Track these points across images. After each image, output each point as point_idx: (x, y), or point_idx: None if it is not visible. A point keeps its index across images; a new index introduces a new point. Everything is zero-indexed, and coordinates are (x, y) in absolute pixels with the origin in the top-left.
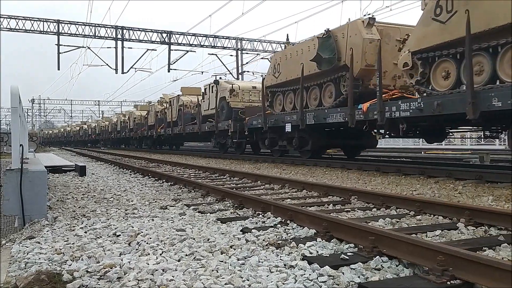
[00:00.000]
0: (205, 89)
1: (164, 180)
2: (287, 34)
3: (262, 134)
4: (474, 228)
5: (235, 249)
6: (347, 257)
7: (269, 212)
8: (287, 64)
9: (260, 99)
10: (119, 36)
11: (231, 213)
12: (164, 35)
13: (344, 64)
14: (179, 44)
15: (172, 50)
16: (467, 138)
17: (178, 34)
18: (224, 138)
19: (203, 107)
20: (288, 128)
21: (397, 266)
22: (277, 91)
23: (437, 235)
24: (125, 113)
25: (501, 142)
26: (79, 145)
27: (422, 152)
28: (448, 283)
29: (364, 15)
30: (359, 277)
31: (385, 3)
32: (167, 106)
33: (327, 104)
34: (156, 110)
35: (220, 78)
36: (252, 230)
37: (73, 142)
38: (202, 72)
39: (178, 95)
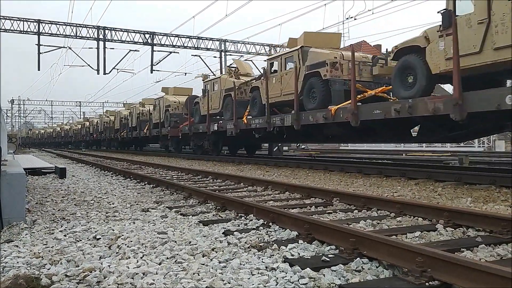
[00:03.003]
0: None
1: (146, 182)
2: None
3: None
4: (453, 229)
5: (217, 252)
6: (328, 259)
7: (252, 214)
8: None
9: None
10: (101, 37)
11: (213, 215)
12: (147, 35)
13: None
14: (162, 45)
15: (155, 51)
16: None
17: (161, 35)
18: None
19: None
20: None
21: (377, 267)
22: None
23: (417, 237)
24: (144, 101)
25: (479, 144)
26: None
27: (403, 154)
28: (427, 284)
29: (347, 18)
30: (339, 279)
31: (367, 6)
32: (274, 72)
33: None
34: (227, 86)
35: None
36: (234, 232)
37: (73, 143)
38: (186, 74)
39: (302, 47)
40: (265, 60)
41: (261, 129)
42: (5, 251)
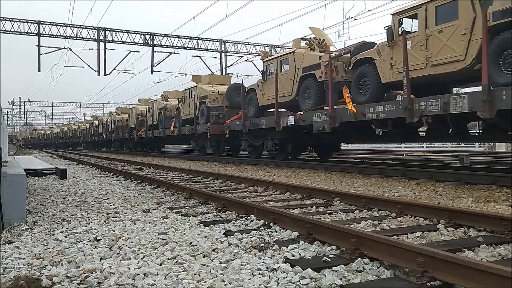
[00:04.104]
0: None
1: (146, 183)
2: None
3: None
4: (454, 229)
5: (217, 253)
6: (329, 259)
7: (252, 215)
8: None
9: None
10: (101, 38)
11: (214, 216)
12: (147, 36)
13: None
14: (162, 46)
15: (155, 52)
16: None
17: (161, 35)
18: None
19: None
20: None
21: (378, 268)
22: None
23: (418, 237)
24: (166, 93)
25: (480, 144)
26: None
27: (404, 154)
28: (428, 284)
29: (347, 18)
30: (340, 279)
31: (367, 6)
32: None
33: None
34: (308, 63)
35: None
36: (235, 233)
37: (80, 144)
38: (186, 74)
39: None
40: (392, 14)
41: (391, 120)
42: (5, 252)
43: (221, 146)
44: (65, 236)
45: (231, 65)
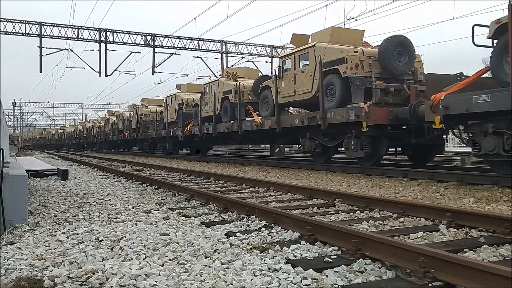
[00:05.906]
0: None
1: (148, 184)
2: None
3: None
4: (456, 229)
5: (219, 253)
6: (330, 260)
7: (254, 216)
8: None
9: None
10: (102, 39)
11: (215, 216)
12: (149, 37)
13: None
14: (163, 47)
15: (156, 52)
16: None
17: (162, 36)
18: None
19: None
20: None
21: (380, 268)
22: None
23: (419, 237)
24: (233, 71)
25: None
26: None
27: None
28: (430, 284)
29: (348, 19)
30: (342, 280)
31: (368, 7)
32: None
33: None
34: None
35: None
36: (237, 233)
37: (96, 145)
38: (187, 75)
39: None
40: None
41: None
42: (7, 253)
43: (383, 146)
44: (67, 237)
45: (232, 65)
